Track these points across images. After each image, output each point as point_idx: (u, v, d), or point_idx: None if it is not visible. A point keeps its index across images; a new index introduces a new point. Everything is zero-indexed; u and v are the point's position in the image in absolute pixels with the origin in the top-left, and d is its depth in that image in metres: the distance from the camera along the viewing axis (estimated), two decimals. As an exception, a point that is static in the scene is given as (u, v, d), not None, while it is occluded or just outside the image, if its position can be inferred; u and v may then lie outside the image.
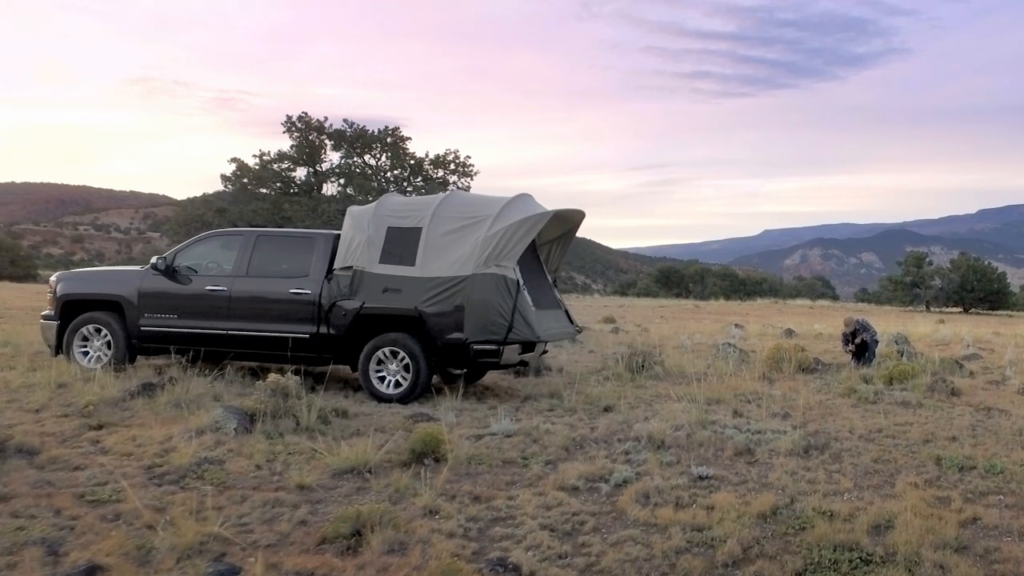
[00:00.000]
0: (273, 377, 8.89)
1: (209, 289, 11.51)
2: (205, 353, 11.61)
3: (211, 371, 11.17)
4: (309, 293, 11.09)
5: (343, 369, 12.26)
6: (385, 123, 54.39)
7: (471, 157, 54.74)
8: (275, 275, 11.43)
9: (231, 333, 11.31)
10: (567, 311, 12.18)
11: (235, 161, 51.61)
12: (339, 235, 11.36)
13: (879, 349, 16.34)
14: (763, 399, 11.05)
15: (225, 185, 51.67)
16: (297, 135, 53.48)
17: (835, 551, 5.47)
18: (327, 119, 54.92)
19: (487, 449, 8.07)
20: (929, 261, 69.52)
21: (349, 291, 10.84)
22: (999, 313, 60.73)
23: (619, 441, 8.56)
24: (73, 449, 7.54)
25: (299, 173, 54.53)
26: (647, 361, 13.59)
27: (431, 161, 54.08)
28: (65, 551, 5.06)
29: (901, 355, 16.32)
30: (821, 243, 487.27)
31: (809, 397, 11.54)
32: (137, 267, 12.13)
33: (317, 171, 54.27)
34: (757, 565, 5.24)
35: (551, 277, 12.17)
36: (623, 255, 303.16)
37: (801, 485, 7.09)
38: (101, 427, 8.48)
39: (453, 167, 53.83)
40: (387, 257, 10.84)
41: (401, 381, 10.69)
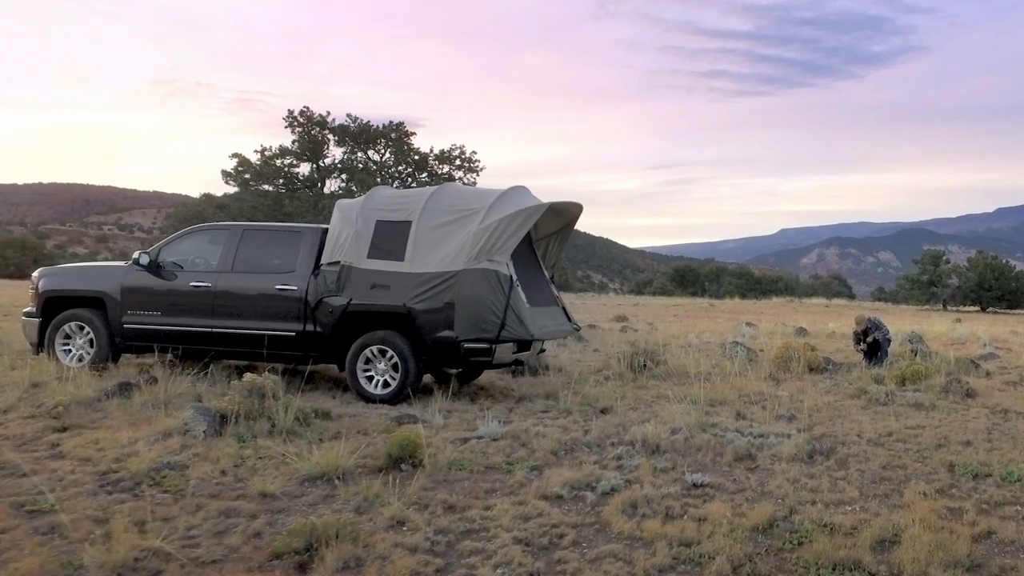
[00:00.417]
0: (249, 377, 8.44)
1: (193, 285, 11.06)
2: (191, 352, 11.17)
3: (197, 370, 10.74)
4: (295, 289, 10.63)
5: (334, 368, 11.79)
6: (401, 122, 53.26)
7: (477, 152, 53.99)
8: (261, 270, 10.97)
9: (215, 331, 10.85)
10: (565, 308, 11.66)
11: (236, 157, 50.97)
12: (327, 229, 10.88)
13: (892, 348, 15.76)
14: (768, 400, 10.52)
15: (227, 181, 50.99)
16: (299, 130, 52.68)
17: (834, 570, 4.98)
18: (329, 113, 54.18)
19: (471, 454, 7.58)
20: (946, 259, 68.64)
21: (336, 287, 10.36)
22: (1017, 312, 59.86)
23: (612, 445, 8.05)
24: (28, 453, 7.10)
25: (303, 169, 53.88)
26: (650, 360, 13.06)
27: (436, 156, 53.26)
28: (-17, 569, 4.61)
29: (915, 354, 15.74)
30: (838, 242, 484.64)
31: (817, 398, 11.01)
32: (122, 263, 11.68)
33: (320, 167, 53.50)
34: (747, 586, 4.74)
35: (548, 273, 11.65)
36: (640, 254, 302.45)
37: (802, 494, 6.57)
38: (65, 429, 8.05)
39: (459, 162, 53.00)
40: (375, 252, 10.36)
41: (390, 381, 10.22)
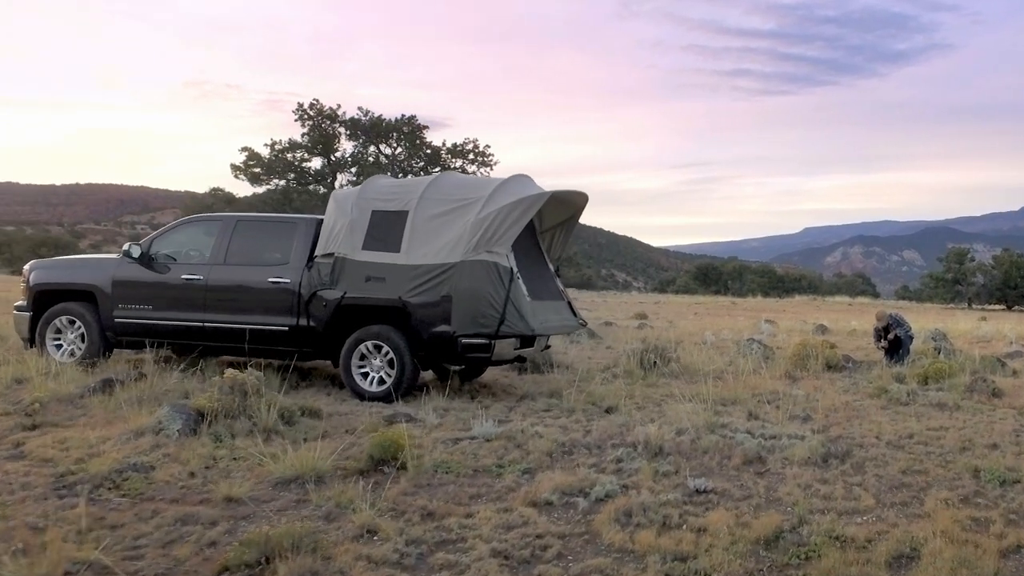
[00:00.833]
0: (230, 373, 7.94)
1: (185, 278, 10.60)
2: (187, 347, 10.73)
3: (192, 366, 10.30)
4: (288, 282, 10.14)
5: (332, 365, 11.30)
6: (413, 115, 52.09)
7: (491, 146, 53.09)
8: (254, 263, 10.50)
9: (208, 326, 10.39)
10: (570, 303, 11.10)
11: (246, 151, 50.35)
12: (322, 220, 10.38)
13: (915, 346, 15.10)
14: (783, 400, 9.96)
15: (236, 175, 50.32)
16: (309, 123, 51.76)
17: (845, 591, 4.41)
18: (340, 106, 53.12)
19: (461, 455, 7.07)
20: (971, 257, 67.52)
21: (330, 280, 9.87)
22: (1044, 310, 58.73)
23: (613, 447, 7.51)
24: (-13, 453, 6.64)
25: (315, 164, 52.96)
26: (660, 358, 12.49)
27: (449, 150, 52.33)
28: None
29: (938, 352, 15.07)
30: (862, 241, 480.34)
31: (834, 398, 10.43)
32: (114, 255, 11.24)
33: (331, 161, 52.55)
34: (746, 609, 4.20)
35: (553, 266, 11.10)
36: (664, 253, 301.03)
37: (814, 501, 6.01)
38: (35, 427, 7.62)
39: (472, 156, 52.12)
40: (371, 243, 9.86)
41: (385, 378, 9.72)
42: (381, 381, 9.72)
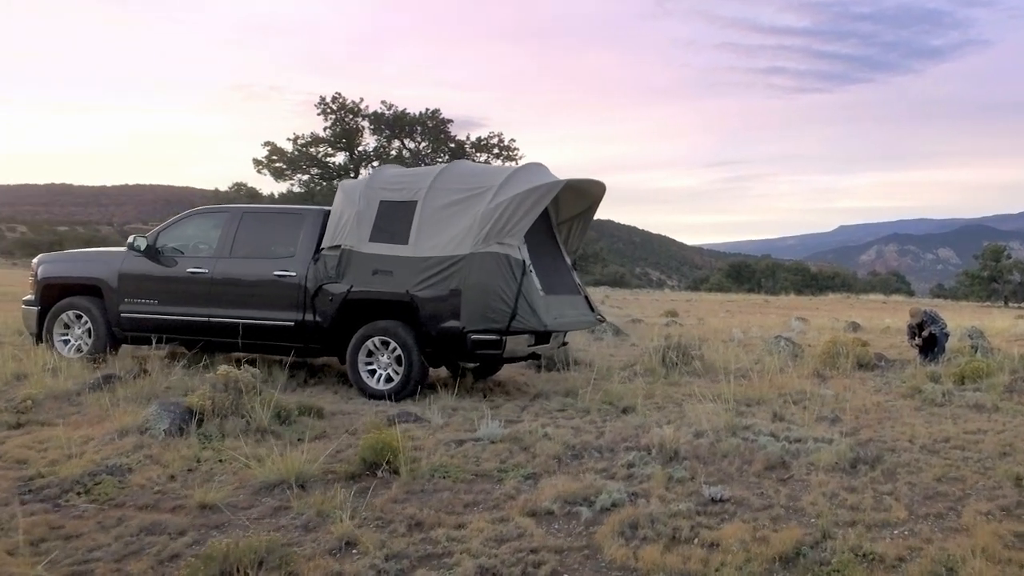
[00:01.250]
0: (224, 369, 7.48)
1: (191, 271, 10.18)
2: (194, 343, 10.31)
3: (195, 362, 9.88)
4: (294, 275, 9.68)
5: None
6: (437, 109, 50.86)
7: (516, 140, 52.06)
8: (259, 256, 10.05)
9: (213, 320, 9.95)
10: (588, 297, 10.53)
11: (268, 145, 49.73)
12: (330, 211, 9.91)
13: (950, 344, 14.38)
14: (811, 400, 9.35)
15: (259, 170, 49.65)
16: (332, 117, 50.87)
17: (871, 620, 3.85)
18: (362, 100, 52.00)
19: (462, 459, 6.56)
20: (1007, 255, 66.09)
21: (336, 273, 9.39)
22: (1082, 309, 57.25)
23: (626, 450, 6.96)
24: (-41, 453, 6.22)
25: (338, 158, 51.94)
26: (684, 355, 11.89)
27: (473, 144, 51.48)
28: None
29: (975, 351, 14.31)
30: (897, 239, 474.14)
31: (865, 398, 9.80)
32: (122, 248, 10.83)
33: (354, 156, 51.59)
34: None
35: (570, 259, 10.53)
36: (698, 251, 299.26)
37: (840, 513, 5.44)
38: (20, 426, 7.26)
39: (497, 151, 51.23)
40: (378, 235, 9.36)
41: (393, 375, 9.23)
42: (389, 379, 9.24)
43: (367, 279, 9.26)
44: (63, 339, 10.84)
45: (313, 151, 50.65)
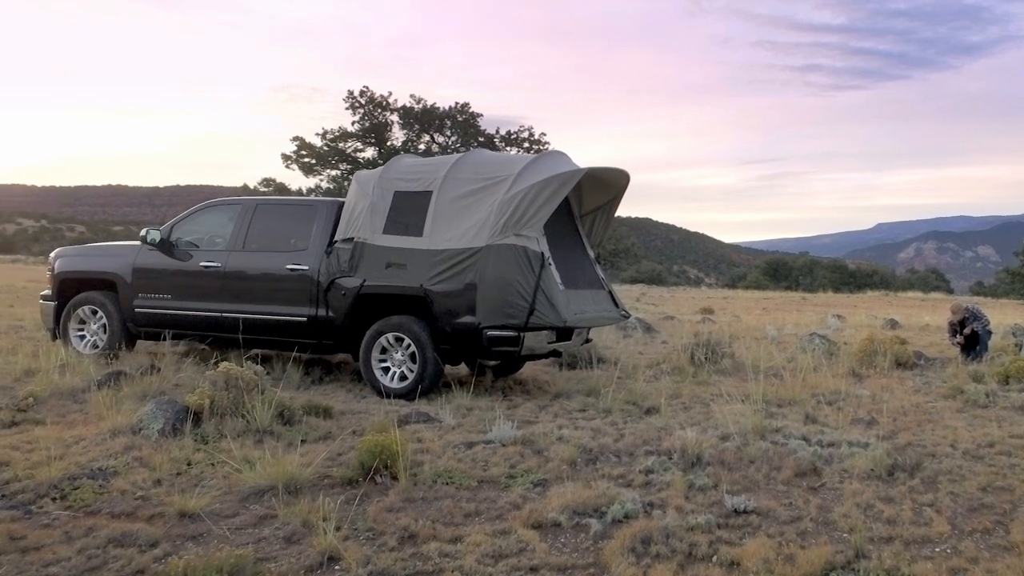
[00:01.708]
0: (224, 366, 7.04)
1: (203, 265, 9.79)
2: (213, 339, 9.93)
3: (206, 359, 9.49)
4: (306, 269, 9.24)
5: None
6: (467, 103, 49.70)
7: (546, 134, 51.05)
8: (272, 249, 9.63)
9: (225, 316, 9.54)
10: (612, 292, 9.97)
11: (297, 140, 49.19)
12: (344, 203, 9.47)
13: (993, 341, 13.64)
14: (846, 401, 8.77)
15: (287, 165, 49.12)
16: (360, 111, 50.14)
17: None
18: (391, 94, 51.07)
19: (469, 463, 6.08)
20: (1049, 251, 64.48)
21: (349, 267, 8.94)
22: None
23: (645, 454, 6.44)
24: (-62, 454, 5.83)
25: (368, 153, 51.00)
26: (714, 353, 11.32)
27: (502, 138, 50.41)
28: None
29: (1020, 348, 13.59)
30: (936, 236, 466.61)
31: (903, 399, 9.17)
32: (137, 242, 10.46)
33: (383, 150, 50.51)
34: None
35: (593, 253, 9.99)
36: (735, 249, 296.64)
37: (876, 527, 4.89)
38: (15, 424, 6.85)
39: (527, 145, 50.21)
40: (392, 226, 8.89)
41: (407, 373, 8.76)
42: (403, 377, 8.78)
43: (380, 273, 8.81)
44: (79, 335, 10.52)
45: (342, 146, 49.99)
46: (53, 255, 11.18)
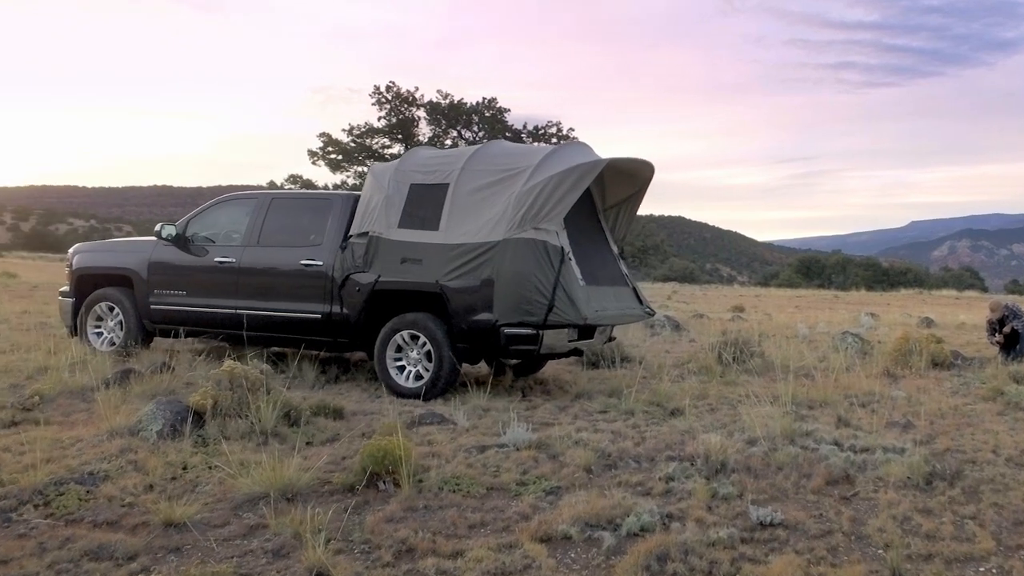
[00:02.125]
0: (229, 364, 6.70)
1: (218, 261, 9.48)
2: (229, 337, 9.62)
3: (227, 356, 9.17)
4: (321, 265, 8.90)
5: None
6: (494, 98, 48.81)
7: (574, 129, 50.38)
8: (287, 244, 9.29)
9: (240, 312, 9.21)
10: (636, 289, 9.51)
11: (323, 136, 48.72)
12: (360, 196, 9.12)
13: (1034, 340, 13.03)
14: (880, 403, 8.27)
15: (313, 161, 48.71)
16: (387, 106, 49.62)
17: None
18: (417, 89, 50.34)
19: (480, 468, 5.69)
20: (1088, 250, 63.08)
21: (364, 262, 8.59)
22: None
23: (667, 460, 6.02)
24: (-75, 457, 5.53)
25: (395, 149, 50.28)
26: (742, 352, 10.84)
27: (530, 133, 49.72)
28: None
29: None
30: (970, 234, 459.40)
31: (941, 401, 8.65)
32: (153, 238, 10.18)
33: (409, 146, 49.04)
34: None
35: (616, 248, 9.54)
36: (768, 247, 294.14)
37: (914, 542, 4.44)
38: (15, 424, 6.56)
39: (556, 141, 49.36)
40: (408, 220, 8.52)
41: (422, 372, 8.38)
42: (418, 376, 8.40)
43: (395, 268, 8.44)
44: (96, 332, 10.28)
45: (369, 142, 49.40)
46: (71, 251, 10.95)
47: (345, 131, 49.61)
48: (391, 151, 50.04)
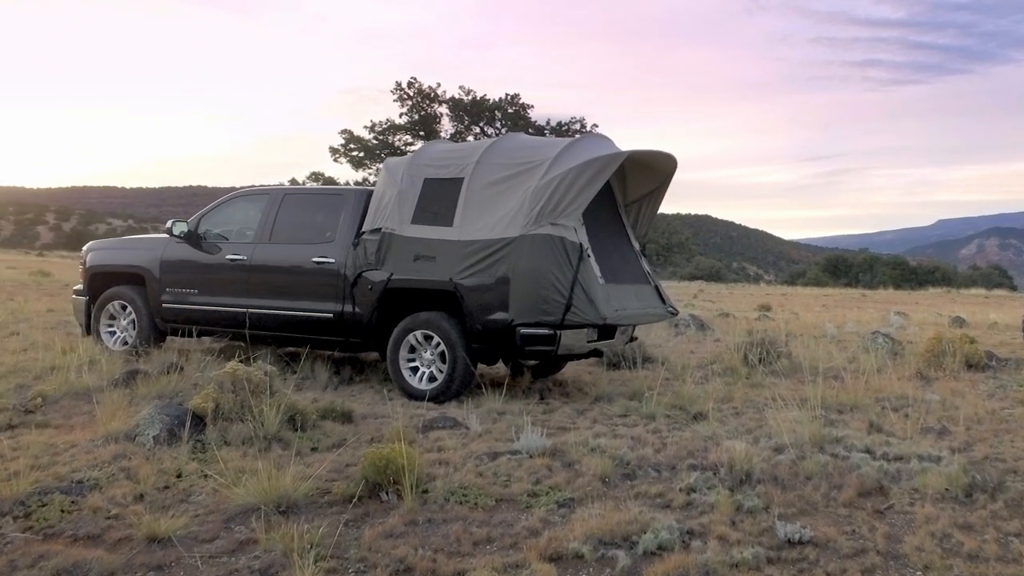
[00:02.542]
0: (231, 366, 6.38)
1: (230, 258, 9.19)
2: (254, 337, 9.32)
3: (239, 356, 8.88)
4: (333, 262, 8.57)
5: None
6: (517, 94, 47.80)
7: (598, 125, 49.76)
8: (299, 241, 8.98)
9: (250, 311, 8.90)
10: (659, 287, 9.10)
11: (345, 133, 48.05)
12: (373, 192, 8.79)
13: (1071, 342, 12.53)
14: (913, 407, 7.81)
15: (335, 158, 48.19)
16: (408, 103, 48.88)
17: None
18: (439, 85, 49.79)
19: (490, 477, 5.33)
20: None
21: (376, 259, 8.25)
22: None
23: (689, 469, 5.63)
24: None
25: (417, 146, 49.98)
26: (769, 353, 10.40)
27: (552, 130, 48.83)
28: None
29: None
30: (998, 232, 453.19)
31: (977, 404, 8.18)
32: (165, 235, 9.91)
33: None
34: None
35: (638, 244, 9.14)
36: (795, 246, 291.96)
37: (955, 563, 4.05)
38: (13, 427, 6.29)
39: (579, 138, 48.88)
40: (421, 216, 8.17)
41: (436, 374, 8.03)
42: (432, 377, 8.05)
43: (408, 266, 8.10)
44: (109, 331, 10.02)
45: (391, 139, 48.75)
46: (85, 248, 10.70)
47: (367, 128, 49.12)
48: (413, 148, 49.52)
